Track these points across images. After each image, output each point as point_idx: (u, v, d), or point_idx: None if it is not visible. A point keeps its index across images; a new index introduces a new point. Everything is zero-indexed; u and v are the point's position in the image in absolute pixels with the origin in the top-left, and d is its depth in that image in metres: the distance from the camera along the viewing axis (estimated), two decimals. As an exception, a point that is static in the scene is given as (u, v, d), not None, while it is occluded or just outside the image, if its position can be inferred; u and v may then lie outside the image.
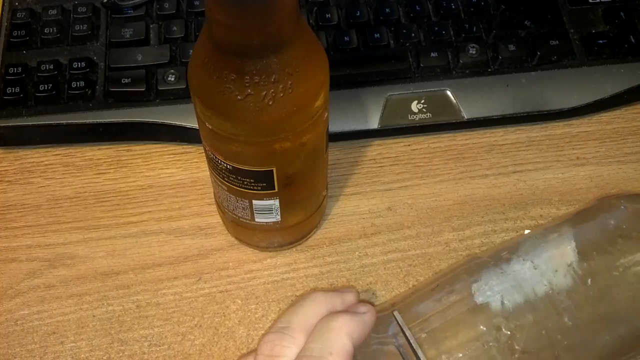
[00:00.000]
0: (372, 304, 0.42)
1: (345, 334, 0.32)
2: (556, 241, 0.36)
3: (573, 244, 0.36)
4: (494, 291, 0.35)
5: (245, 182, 0.37)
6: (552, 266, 0.35)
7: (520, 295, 0.34)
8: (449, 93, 0.49)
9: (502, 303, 0.34)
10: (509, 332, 0.34)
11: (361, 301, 0.37)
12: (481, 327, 0.34)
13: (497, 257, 0.37)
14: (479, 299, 0.35)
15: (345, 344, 0.32)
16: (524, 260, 0.36)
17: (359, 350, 0.33)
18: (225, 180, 0.38)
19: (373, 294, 0.44)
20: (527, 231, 0.39)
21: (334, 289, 0.42)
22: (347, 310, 0.34)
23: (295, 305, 0.34)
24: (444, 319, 0.34)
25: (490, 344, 0.33)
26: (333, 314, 0.33)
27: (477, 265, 0.37)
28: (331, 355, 0.31)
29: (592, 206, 0.40)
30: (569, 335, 0.34)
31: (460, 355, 0.33)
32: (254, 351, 0.33)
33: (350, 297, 0.36)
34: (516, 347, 0.33)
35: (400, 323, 0.33)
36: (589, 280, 0.35)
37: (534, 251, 0.36)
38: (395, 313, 0.34)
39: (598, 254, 0.36)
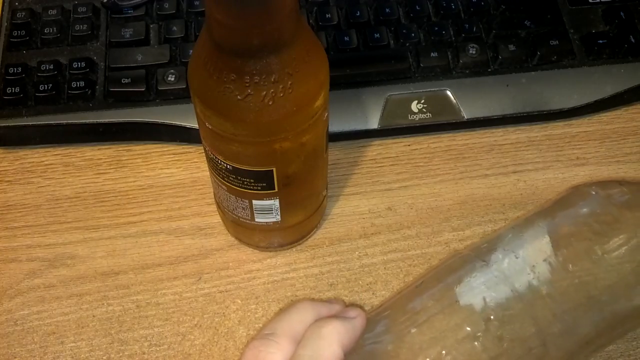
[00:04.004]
0: (361, 307, 0.42)
1: (336, 340, 0.32)
2: (535, 231, 0.37)
3: (551, 233, 0.37)
4: (480, 283, 0.35)
5: (245, 182, 0.37)
6: (533, 255, 0.36)
7: (505, 286, 0.35)
8: (449, 93, 0.49)
9: (488, 295, 0.35)
10: (496, 322, 0.34)
11: (351, 305, 0.36)
12: (469, 319, 0.34)
13: (479, 251, 0.37)
14: (465, 292, 0.35)
15: (336, 351, 0.31)
16: (505, 251, 0.37)
17: (354, 352, 0.33)
18: (225, 180, 0.38)
19: (373, 294, 0.44)
20: (503, 225, 0.40)
21: (321, 300, 0.42)
22: (337, 316, 0.34)
23: (281, 313, 0.34)
24: (433, 314, 0.35)
25: (479, 334, 0.34)
26: (323, 319, 0.33)
27: (461, 260, 0.37)
28: None
29: (565, 195, 0.40)
30: (555, 321, 0.35)
31: (451, 347, 0.34)
32: None
33: (336, 307, 0.35)
34: (504, 336, 0.34)
35: None
36: (570, 266, 0.36)
37: (515, 242, 0.37)
38: None
39: (576, 240, 0.37)
